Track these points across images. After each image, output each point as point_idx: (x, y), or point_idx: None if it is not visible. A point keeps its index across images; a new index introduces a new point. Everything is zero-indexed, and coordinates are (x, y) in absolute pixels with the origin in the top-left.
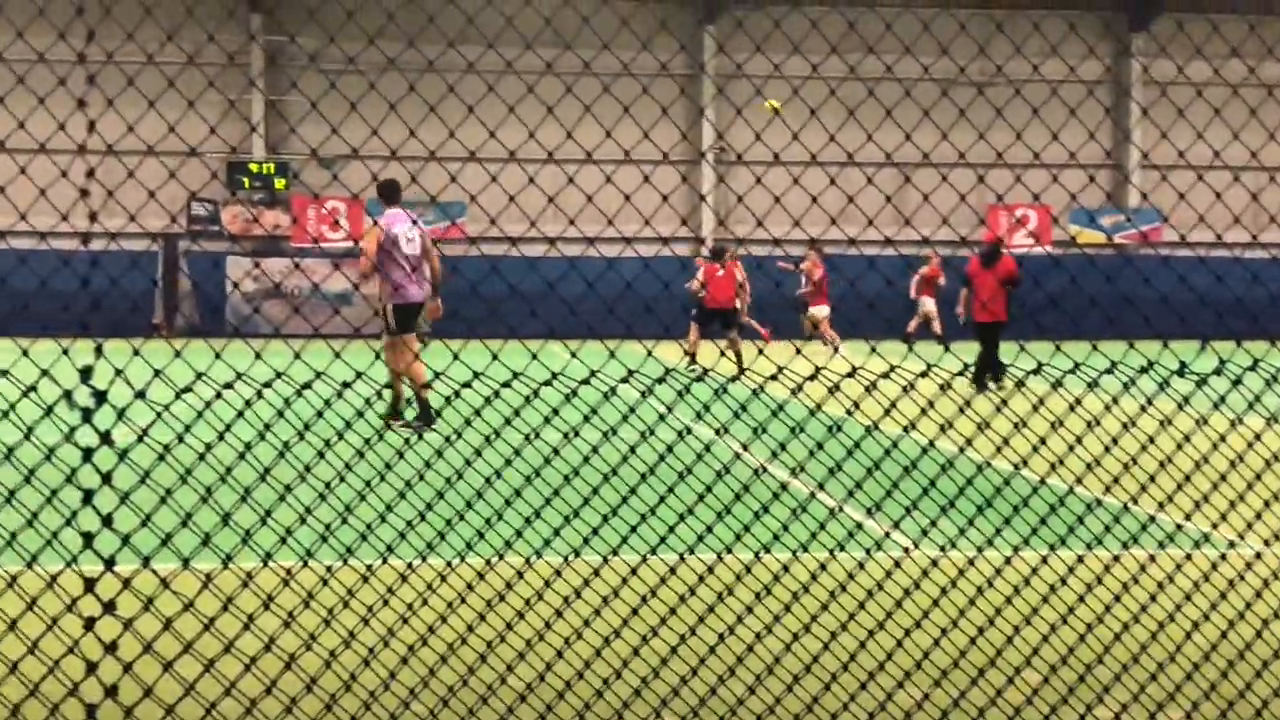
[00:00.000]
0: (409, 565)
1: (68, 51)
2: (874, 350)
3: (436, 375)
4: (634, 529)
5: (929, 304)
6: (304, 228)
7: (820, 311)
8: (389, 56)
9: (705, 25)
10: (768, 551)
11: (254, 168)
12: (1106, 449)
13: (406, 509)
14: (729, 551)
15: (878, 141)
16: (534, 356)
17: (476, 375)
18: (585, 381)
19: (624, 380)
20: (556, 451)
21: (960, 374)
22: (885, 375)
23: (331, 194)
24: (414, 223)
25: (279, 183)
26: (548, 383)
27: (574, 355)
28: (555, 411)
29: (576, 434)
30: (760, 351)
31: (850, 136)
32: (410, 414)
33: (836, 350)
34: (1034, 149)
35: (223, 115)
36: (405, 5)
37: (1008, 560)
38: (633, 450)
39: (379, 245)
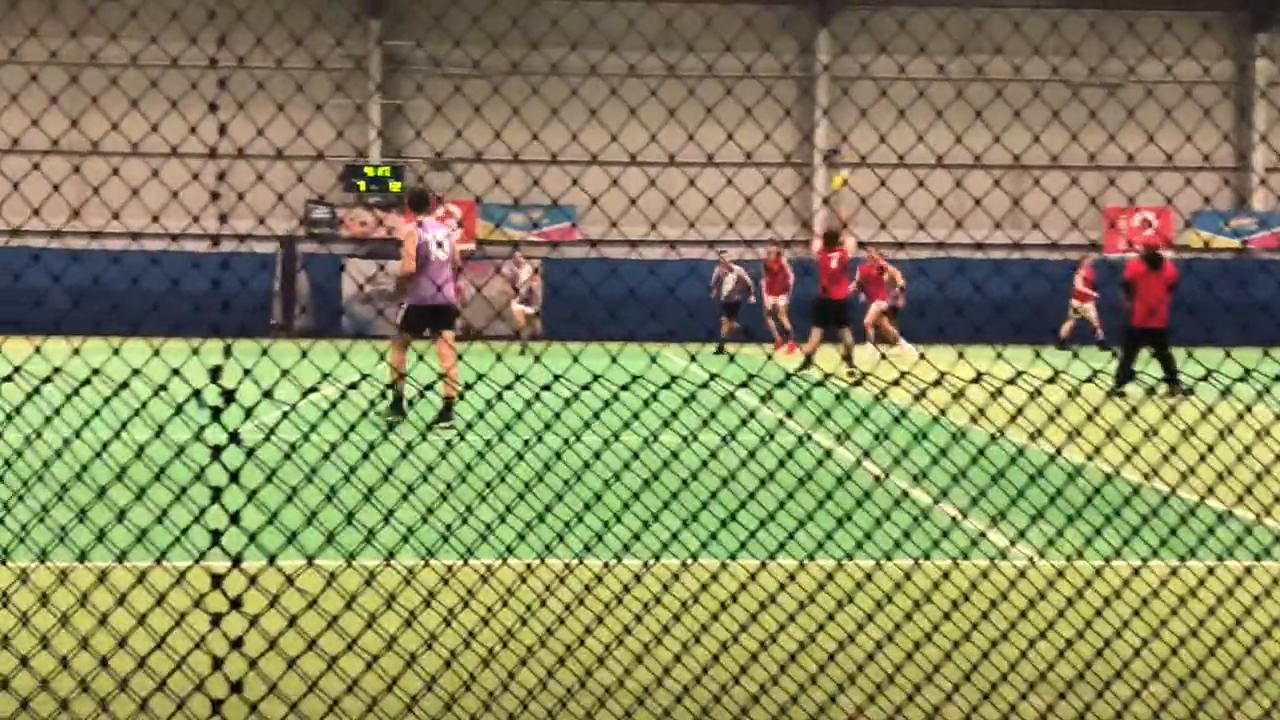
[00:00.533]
0: (528, 566)
1: (195, 57)
2: (999, 356)
3: (554, 379)
4: (753, 534)
5: (1088, 309)
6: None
7: (874, 308)
8: (513, 60)
9: (820, 27)
10: (889, 559)
11: (370, 171)
12: (1239, 458)
13: (525, 510)
14: (849, 558)
15: (980, 143)
16: (653, 360)
17: (595, 378)
18: (704, 385)
19: (743, 385)
20: (675, 455)
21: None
22: (1010, 381)
23: (449, 197)
24: (445, 229)
25: (394, 185)
26: (666, 386)
27: (693, 359)
28: (674, 415)
29: (695, 438)
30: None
31: (947, 137)
32: (389, 408)
33: (879, 347)
34: (1151, 151)
35: (349, 120)
36: (527, 10)
37: (1136, 571)
38: (751, 455)
39: (416, 252)
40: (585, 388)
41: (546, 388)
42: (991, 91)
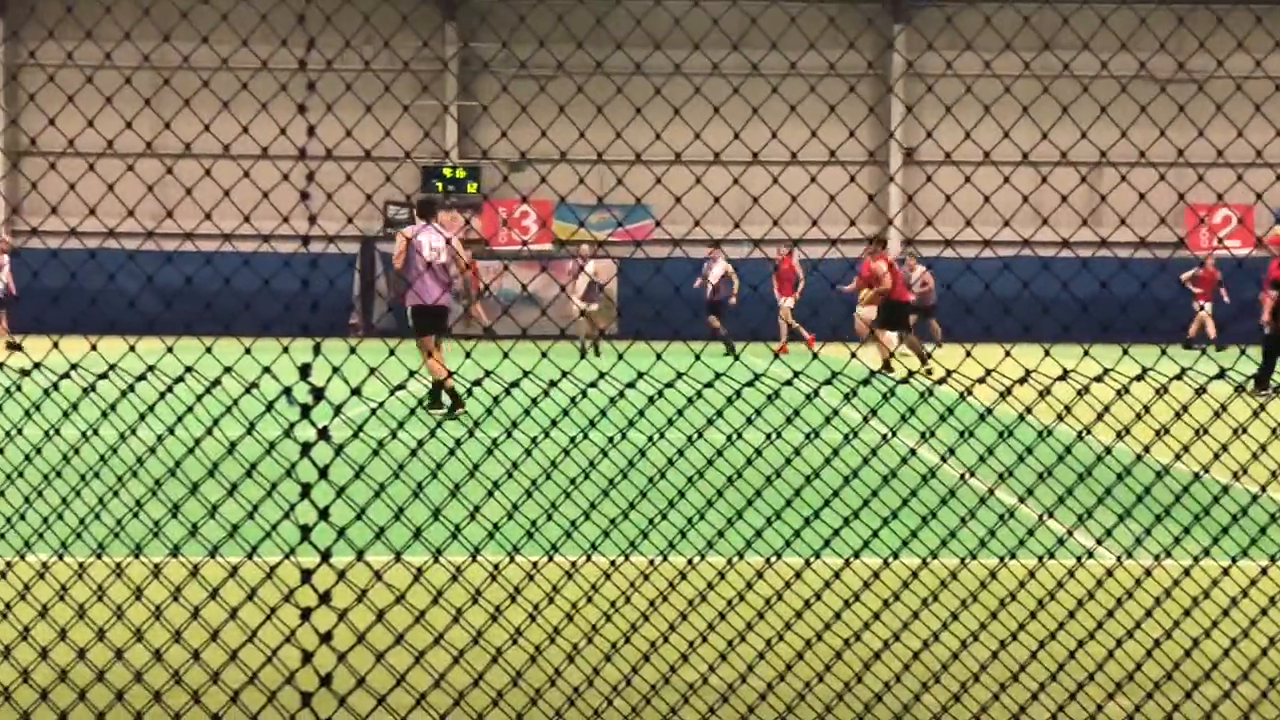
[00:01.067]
0: (612, 563)
1: (277, 60)
2: (1087, 353)
3: (638, 375)
4: (836, 532)
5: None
6: (493, 231)
7: (868, 313)
8: (597, 60)
9: (896, 24)
10: (974, 558)
11: (448, 172)
12: None
13: (610, 507)
14: (934, 557)
15: (1063, 141)
16: (735, 358)
17: (680, 375)
18: (788, 383)
19: (826, 383)
20: (759, 452)
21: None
22: (1098, 379)
23: (529, 197)
24: (443, 236)
25: (471, 187)
26: (750, 383)
27: (776, 356)
28: (757, 412)
29: (779, 435)
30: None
31: (1029, 135)
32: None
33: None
34: (1235, 148)
35: (433, 122)
36: (612, 12)
37: (1225, 571)
38: (835, 453)
39: (405, 251)
40: (669, 385)
41: (631, 384)
42: (1069, 87)
